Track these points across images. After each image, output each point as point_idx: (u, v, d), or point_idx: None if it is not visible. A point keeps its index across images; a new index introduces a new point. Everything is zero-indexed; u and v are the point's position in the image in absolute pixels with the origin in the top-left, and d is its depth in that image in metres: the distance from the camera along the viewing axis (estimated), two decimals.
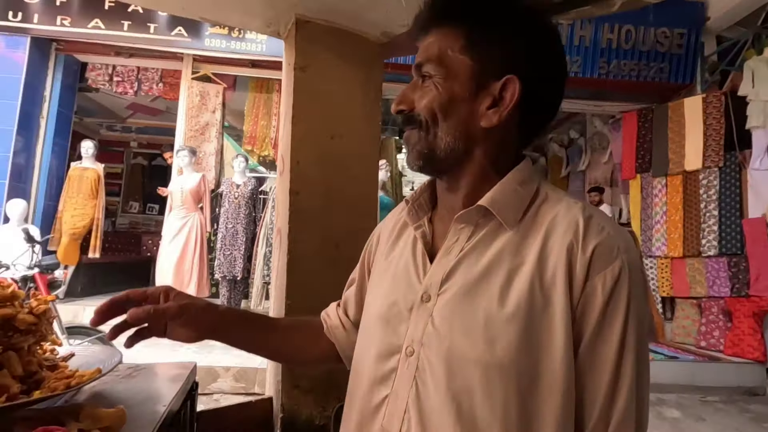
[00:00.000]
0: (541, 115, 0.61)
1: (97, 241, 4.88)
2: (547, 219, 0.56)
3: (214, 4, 1.30)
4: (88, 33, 4.57)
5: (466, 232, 0.59)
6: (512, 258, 0.54)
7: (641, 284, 0.53)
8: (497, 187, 0.58)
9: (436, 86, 0.57)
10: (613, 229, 0.54)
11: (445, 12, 0.58)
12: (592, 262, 0.51)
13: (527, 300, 0.51)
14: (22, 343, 0.75)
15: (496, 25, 0.57)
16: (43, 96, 4.77)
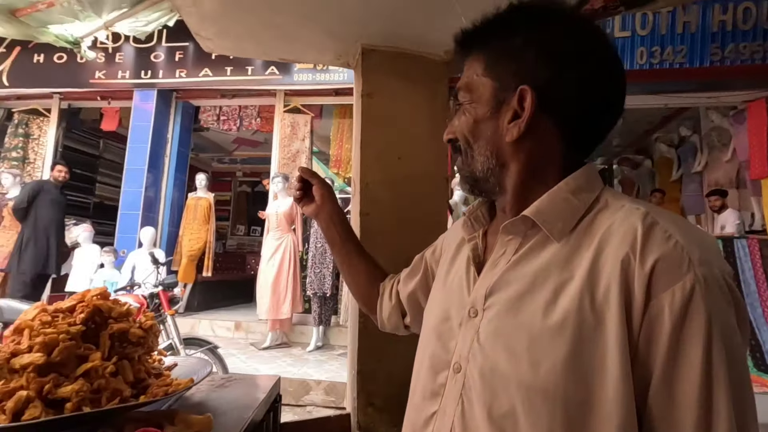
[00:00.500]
0: (586, 118, 0.56)
1: (210, 261, 5.51)
2: (602, 229, 0.50)
3: (289, 46, 1.43)
4: (199, 81, 5.30)
5: (513, 244, 0.56)
6: (560, 272, 0.49)
7: (728, 304, 0.43)
8: (544, 196, 0.54)
9: (465, 111, 0.60)
10: (686, 236, 0.45)
11: (469, 43, 0.60)
12: (653, 278, 0.43)
13: (575, 317, 0.45)
14: (134, 354, 0.88)
15: (508, 40, 0.56)
16: (167, 138, 5.60)
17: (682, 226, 0.47)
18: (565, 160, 0.57)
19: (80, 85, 5.52)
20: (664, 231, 0.46)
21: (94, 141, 7.64)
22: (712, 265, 0.44)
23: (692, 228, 0.48)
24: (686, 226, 0.48)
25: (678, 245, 0.44)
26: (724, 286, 0.44)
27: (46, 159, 5.90)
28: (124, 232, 5.19)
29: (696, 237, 0.46)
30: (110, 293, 0.96)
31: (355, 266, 0.95)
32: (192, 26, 1.34)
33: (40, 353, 0.74)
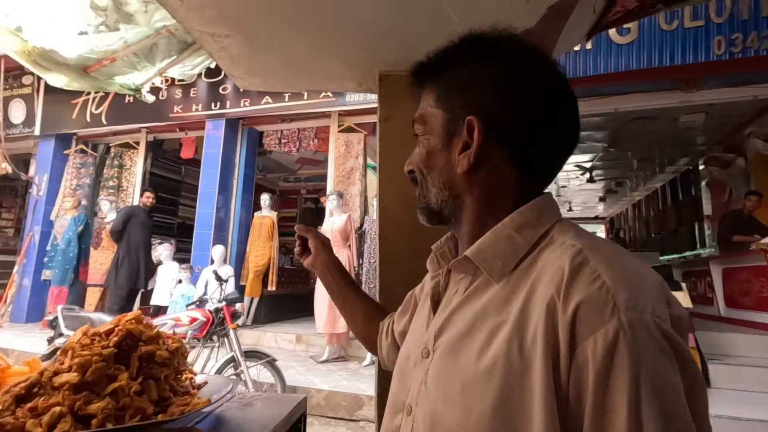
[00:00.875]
0: (537, 146, 0.54)
1: (274, 276, 5.83)
2: (538, 268, 0.47)
3: (312, 78, 1.51)
4: (262, 108, 5.70)
5: (464, 282, 0.56)
6: (497, 314, 0.48)
7: (661, 351, 0.38)
8: (487, 235, 0.53)
9: (420, 143, 0.61)
10: (616, 277, 0.41)
11: (423, 75, 0.61)
12: (576, 324, 0.40)
13: (504, 363, 0.43)
14: (159, 374, 0.97)
15: (458, 72, 0.56)
16: (235, 162, 6.07)
17: (615, 265, 0.43)
18: (521, 190, 0.55)
19: (162, 119, 6.20)
20: (591, 272, 0.42)
21: (176, 167, 8.52)
22: (641, 308, 0.39)
23: (629, 266, 0.44)
24: (622, 264, 0.43)
25: (603, 287, 0.40)
26: (655, 332, 0.38)
27: (136, 186, 6.68)
28: (199, 250, 5.68)
29: (628, 277, 0.42)
30: (143, 317, 1.07)
31: (353, 308, 0.98)
32: (225, 68, 1.47)
33: (75, 373, 0.85)
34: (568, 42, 1.35)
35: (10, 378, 1.12)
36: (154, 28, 1.47)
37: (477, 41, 0.57)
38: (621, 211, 13.32)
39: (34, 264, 6.41)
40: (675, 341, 0.39)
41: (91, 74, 1.61)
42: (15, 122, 6.98)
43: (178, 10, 1.15)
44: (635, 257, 0.47)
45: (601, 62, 4.38)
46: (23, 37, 1.42)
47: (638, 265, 0.45)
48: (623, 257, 0.45)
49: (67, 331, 3.32)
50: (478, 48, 0.56)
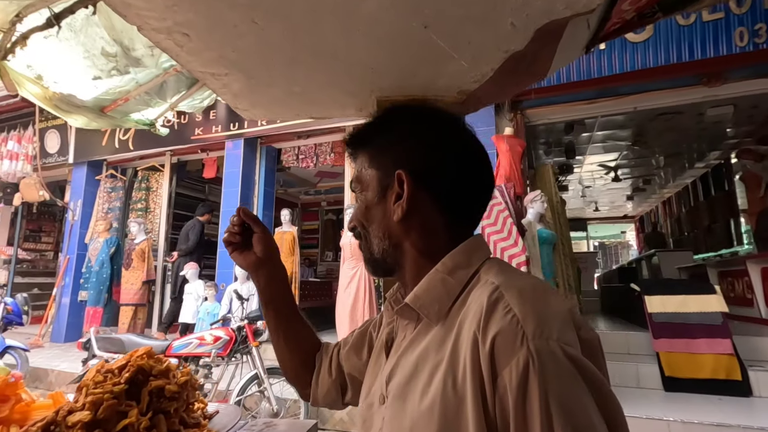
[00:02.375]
0: (459, 190, 0.61)
1: (296, 290, 5.90)
2: (466, 307, 0.52)
3: (313, 107, 1.54)
4: (278, 126, 5.83)
5: (410, 328, 0.59)
6: (435, 354, 0.51)
7: (569, 376, 0.41)
8: (422, 281, 0.57)
9: (358, 200, 0.67)
10: (525, 308, 0.45)
11: (356, 144, 0.68)
12: (494, 355, 0.43)
13: (441, 400, 0.46)
14: (169, 407, 1.01)
15: (386, 136, 0.64)
16: (254, 180, 6.22)
17: (526, 298, 0.46)
18: (452, 233, 0.60)
19: (185, 142, 6.43)
20: (504, 306, 0.45)
21: (200, 187, 8.80)
22: (547, 336, 0.42)
23: (538, 298, 0.47)
24: (532, 297, 0.47)
25: (514, 319, 0.44)
26: (561, 357, 0.41)
27: (162, 207, 6.93)
28: (223, 268, 5.82)
29: (536, 308, 0.45)
30: (155, 351, 1.11)
31: (292, 333, 0.84)
32: (228, 102, 1.52)
33: (87, 411, 0.89)
34: (564, 58, 1.34)
35: (35, 412, 1.18)
36: (162, 68, 1.55)
37: (400, 111, 0.66)
38: (651, 209, 12.85)
39: (71, 286, 6.72)
40: (581, 363, 0.42)
41: (108, 113, 1.70)
42: (51, 151, 7.39)
43: (179, 55, 1.21)
44: (549, 290, 0.51)
45: (616, 61, 4.28)
46: (43, 84, 1.52)
47: (548, 296, 0.48)
48: (534, 291, 0.48)
49: (99, 352, 3.46)
50: (401, 116, 0.65)
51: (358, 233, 0.66)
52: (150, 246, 6.26)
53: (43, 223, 9.71)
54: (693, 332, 3.76)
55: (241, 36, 1.10)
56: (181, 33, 1.10)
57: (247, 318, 3.49)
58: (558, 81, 4.47)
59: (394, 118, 0.66)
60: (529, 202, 4.28)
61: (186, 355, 3.37)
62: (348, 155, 0.70)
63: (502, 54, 1.13)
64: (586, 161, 8.10)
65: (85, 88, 1.51)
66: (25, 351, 4.55)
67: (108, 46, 1.34)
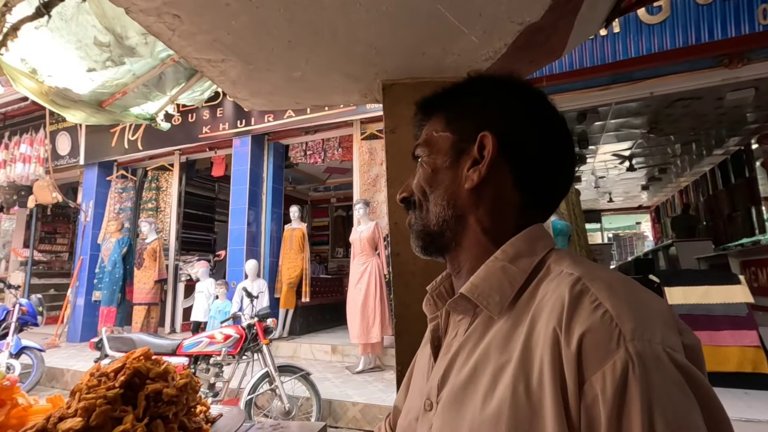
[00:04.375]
0: (541, 172, 0.55)
1: (307, 287, 5.87)
2: (537, 299, 0.45)
3: (315, 93, 1.47)
4: (285, 122, 5.78)
5: (464, 324, 0.52)
6: (499, 354, 0.44)
7: (675, 384, 0.34)
8: (480, 270, 0.50)
9: (422, 164, 0.59)
10: (619, 303, 0.38)
11: (430, 108, 0.62)
12: (582, 357, 0.36)
13: (510, 408, 0.39)
14: (168, 412, 0.95)
15: (469, 100, 0.58)
16: (263, 177, 6.18)
17: (617, 291, 0.39)
18: (521, 217, 0.54)
19: (193, 141, 6.42)
20: (592, 299, 0.39)
21: (209, 185, 8.82)
22: (649, 337, 0.36)
23: (632, 293, 0.40)
24: (624, 289, 0.40)
25: (606, 315, 0.37)
26: (667, 363, 0.35)
27: (173, 206, 6.95)
28: (233, 266, 5.80)
29: (632, 304, 0.38)
30: (153, 352, 1.05)
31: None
32: (227, 91, 1.45)
33: (80, 418, 0.84)
34: (583, 32, 1.24)
35: (32, 416, 1.14)
36: (159, 59, 1.49)
37: (488, 78, 0.60)
38: (667, 199, 12.55)
39: (85, 286, 6.79)
40: (691, 373, 0.35)
41: (107, 108, 1.66)
42: (62, 154, 7.45)
43: (171, 39, 1.14)
44: (638, 284, 0.43)
45: (631, 45, 4.12)
46: (38, 78, 1.48)
47: (642, 291, 0.41)
48: (625, 283, 0.42)
49: (111, 352, 3.46)
50: (490, 82, 0.59)
51: (412, 202, 0.60)
52: (161, 245, 6.28)
53: (58, 224, 9.85)
54: (716, 324, 3.62)
55: (235, 15, 1.03)
56: (171, 14, 1.03)
57: (257, 316, 3.45)
58: (570, 67, 4.33)
59: (479, 84, 0.60)
60: None
61: (197, 354, 3.35)
62: (416, 122, 0.64)
63: (516, 26, 1.05)
64: (600, 151, 7.91)
65: (80, 81, 1.46)
66: (40, 351, 4.60)
67: (100, 35, 1.28)
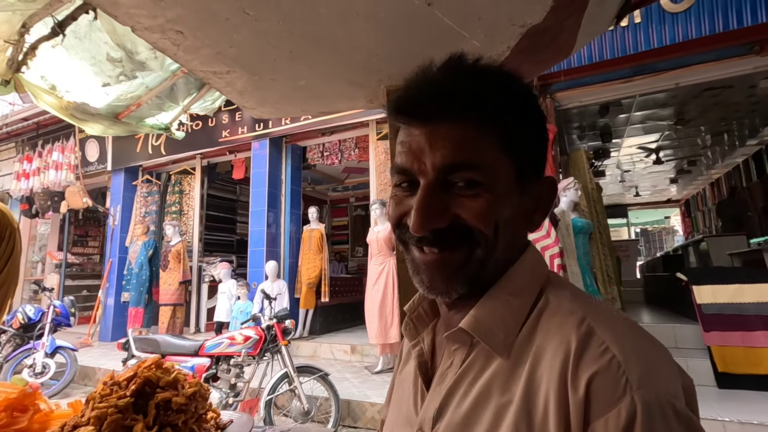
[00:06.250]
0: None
1: (326, 287, 5.92)
2: (539, 339, 0.42)
3: (320, 101, 1.47)
4: (302, 124, 5.83)
5: (460, 354, 0.48)
6: (500, 394, 0.42)
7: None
8: (482, 301, 0.46)
9: (487, 193, 0.45)
10: (625, 348, 0.37)
11: (469, 102, 0.45)
12: (588, 402, 0.36)
13: None
14: (176, 420, 0.98)
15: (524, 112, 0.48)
16: (281, 179, 6.26)
17: (622, 335, 0.39)
18: (522, 238, 0.51)
19: (213, 145, 6.56)
20: (600, 343, 0.38)
21: (231, 187, 9.00)
22: (655, 387, 0.35)
23: (636, 335, 0.40)
24: (628, 333, 0.39)
25: (614, 361, 0.36)
26: (670, 414, 0.34)
27: (195, 209, 7.12)
28: (254, 267, 5.91)
29: (638, 348, 0.38)
30: (162, 361, 1.08)
31: None
32: (235, 101, 1.48)
33: (92, 427, 0.87)
34: (592, 30, 1.20)
35: (54, 421, 1.18)
36: (170, 71, 1.53)
37: (488, 79, 0.47)
38: (698, 192, 12.07)
39: (114, 287, 7.05)
40: (692, 425, 0.35)
41: (123, 120, 1.71)
42: (91, 160, 7.74)
43: (177, 54, 1.16)
44: (640, 327, 0.41)
45: (654, 35, 3.97)
46: (57, 94, 1.54)
47: (645, 336, 0.40)
48: (630, 327, 0.41)
49: (137, 352, 3.58)
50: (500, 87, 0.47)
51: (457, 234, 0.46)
52: (185, 247, 6.45)
53: (89, 228, 10.24)
54: (750, 324, 3.47)
55: (236, 29, 1.04)
56: (174, 30, 1.05)
57: (275, 317, 3.51)
58: (590, 60, 4.21)
59: (499, 87, 0.47)
60: (562, 190, 4.06)
61: (218, 355, 3.43)
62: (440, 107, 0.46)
63: (518, 29, 1.02)
64: (624, 144, 7.66)
65: (96, 95, 1.52)
66: (73, 351, 4.80)
67: (112, 51, 1.33)
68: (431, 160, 0.45)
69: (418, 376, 0.53)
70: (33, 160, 7.83)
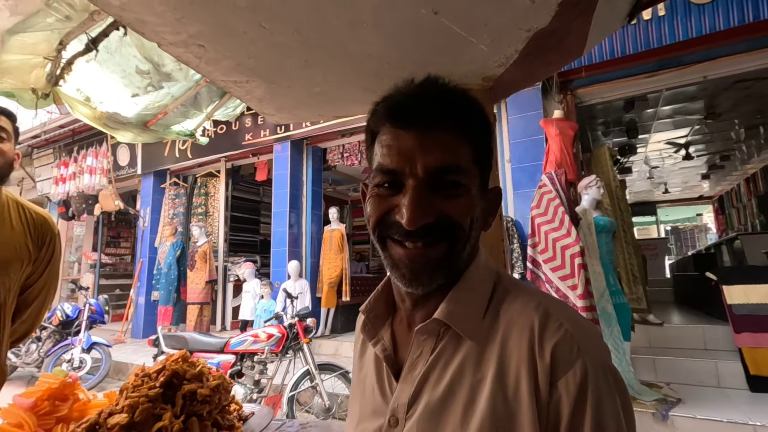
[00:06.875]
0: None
1: (347, 286, 6.00)
2: (503, 322, 0.51)
3: (335, 106, 1.52)
4: (322, 126, 5.93)
5: (429, 343, 0.54)
6: (473, 372, 0.50)
7: (615, 391, 0.46)
8: (452, 294, 0.53)
9: (466, 194, 0.52)
10: (573, 325, 0.48)
11: (454, 115, 0.52)
12: (552, 366, 0.46)
13: (491, 418, 0.46)
14: (202, 410, 1.04)
15: (488, 133, 0.56)
16: (302, 180, 6.38)
17: (569, 315, 0.50)
18: None
19: (237, 148, 6.74)
20: (555, 320, 0.48)
21: (254, 189, 9.20)
22: (596, 352, 0.47)
23: (578, 316, 0.51)
24: (572, 314, 0.51)
25: (568, 333, 0.47)
26: (608, 372, 0.47)
27: (220, 210, 7.33)
28: (277, 266, 6.05)
29: (581, 325, 0.49)
30: (189, 355, 1.15)
31: None
32: (255, 108, 1.54)
33: (125, 414, 0.94)
34: (602, 31, 1.21)
35: (92, 410, 1.27)
36: (194, 81, 1.61)
37: (472, 101, 0.55)
38: (732, 188, 11.58)
39: (145, 286, 7.33)
40: (620, 382, 0.47)
41: (151, 128, 1.81)
42: (122, 164, 8.08)
43: (200, 66, 1.23)
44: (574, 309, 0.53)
45: (679, 27, 3.86)
46: (92, 105, 1.64)
47: (582, 317, 0.53)
48: (571, 310, 0.52)
49: (167, 349, 3.73)
50: (476, 107, 0.55)
51: (443, 228, 0.51)
52: (211, 248, 6.66)
53: (121, 229, 10.67)
54: None
55: (253, 42, 1.10)
56: (196, 45, 1.12)
57: (297, 315, 3.59)
58: (612, 55, 4.12)
59: (473, 107, 0.55)
60: (584, 188, 4.00)
61: (242, 352, 3.54)
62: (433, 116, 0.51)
63: (524, 33, 1.04)
64: (652, 139, 7.44)
65: (126, 105, 1.62)
66: (107, 347, 5.03)
67: (141, 63, 1.42)
68: (423, 162, 0.50)
69: (383, 370, 0.58)
70: (69, 165, 8.22)
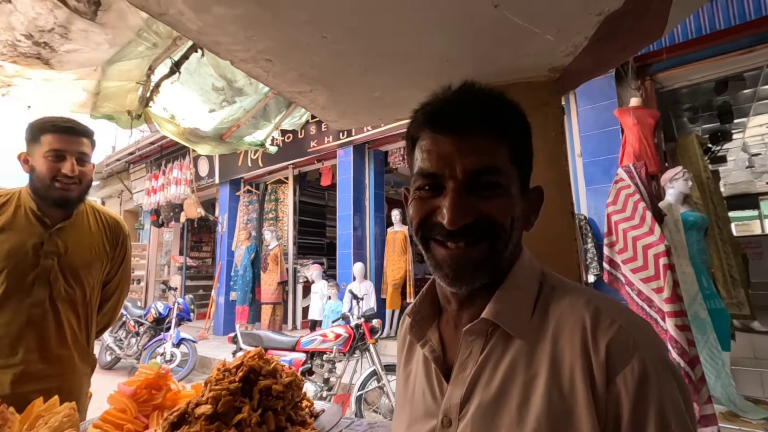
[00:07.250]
0: None
1: (410, 288, 6.00)
2: (553, 320, 0.51)
3: (393, 109, 1.54)
4: (383, 130, 6.00)
5: (478, 343, 0.55)
6: (526, 370, 0.50)
7: (675, 384, 0.46)
8: (499, 294, 0.54)
9: (506, 194, 0.54)
10: (626, 321, 0.48)
11: (490, 119, 0.54)
12: (608, 362, 0.46)
13: (547, 415, 0.46)
14: (276, 405, 1.10)
15: (526, 134, 0.58)
16: (365, 184, 6.51)
17: (620, 310, 0.50)
18: None
19: (303, 154, 7.05)
20: (608, 317, 0.49)
21: (320, 194, 9.56)
22: (651, 346, 0.47)
23: (628, 311, 0.51)
24: (623, 309, 0.51)
25: (621, 329, 0.47)
26: (666, 366, 0.46)
27: (289, 215, 7.71)
28: (342, 268, 6.22)
29: (633, 320, 0.49)
30: (264, 352, 1.22)
31: None
32: (318, 115, 1.61)
33: (209, 405, 1.02)
34: (685, 6, 1.09)
35: (182, 399, 1.39)
36: (263, 94, 1.72)
37: (501, 101, 0.57)
38: None
39: (224, 287, 7.92)
40: (676, 372, 0.47)
41: (226, 140, 1.96)
42: (202, 175, 8.81)
43: (268, 79, 1.31)
44: None
45: None
46: (176, 122, 1.81)
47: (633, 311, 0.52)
48: (622, 305, 0.52)
49: (244, 345, 3.99)
50: (510, 110, 0.57)
51: (483, 228, 0.52)
52: (281, 251, 7.02)
53: (203, 235, 11.63)
54: None
55: (315, 52, 1.14)
56: (264, 59, 1.19)
57: (363, 316, 3.66)
58: (698, 33, 3.72)
59: (510, 110, 0.57)
60: (668, 181, 3.65)
61: (312, 351, 3.68)
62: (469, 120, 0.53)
63: (594, 18, 0.97)
64: (751, 123, 6.59)
65: (204, 120, 1.77)
66: (194, 342, 5.50)
67: (216, 81, 1.55)
68: (461, 165, 0.52)
69: (432, 372, 0.58)
70: (159, 177, 9.13)
